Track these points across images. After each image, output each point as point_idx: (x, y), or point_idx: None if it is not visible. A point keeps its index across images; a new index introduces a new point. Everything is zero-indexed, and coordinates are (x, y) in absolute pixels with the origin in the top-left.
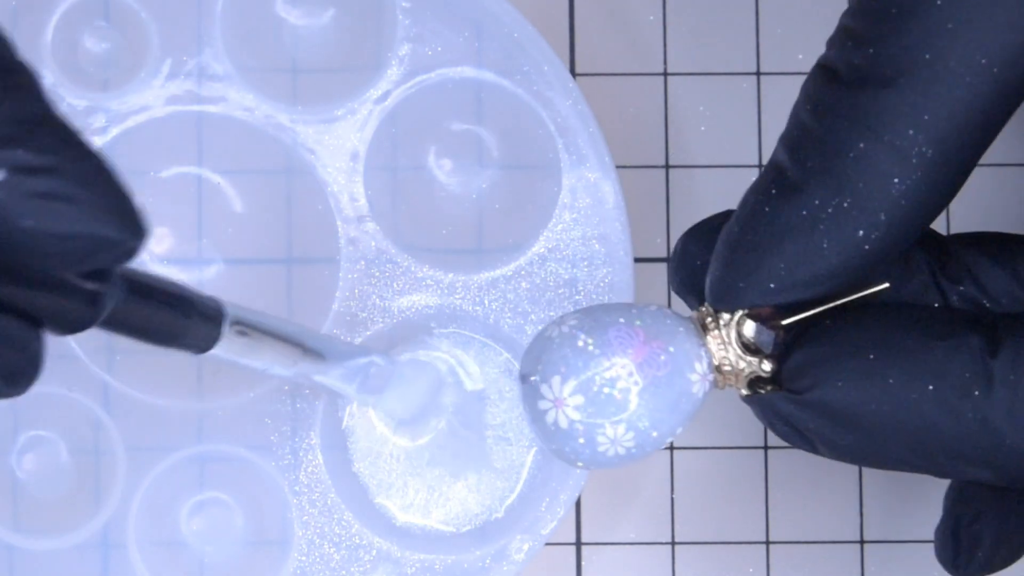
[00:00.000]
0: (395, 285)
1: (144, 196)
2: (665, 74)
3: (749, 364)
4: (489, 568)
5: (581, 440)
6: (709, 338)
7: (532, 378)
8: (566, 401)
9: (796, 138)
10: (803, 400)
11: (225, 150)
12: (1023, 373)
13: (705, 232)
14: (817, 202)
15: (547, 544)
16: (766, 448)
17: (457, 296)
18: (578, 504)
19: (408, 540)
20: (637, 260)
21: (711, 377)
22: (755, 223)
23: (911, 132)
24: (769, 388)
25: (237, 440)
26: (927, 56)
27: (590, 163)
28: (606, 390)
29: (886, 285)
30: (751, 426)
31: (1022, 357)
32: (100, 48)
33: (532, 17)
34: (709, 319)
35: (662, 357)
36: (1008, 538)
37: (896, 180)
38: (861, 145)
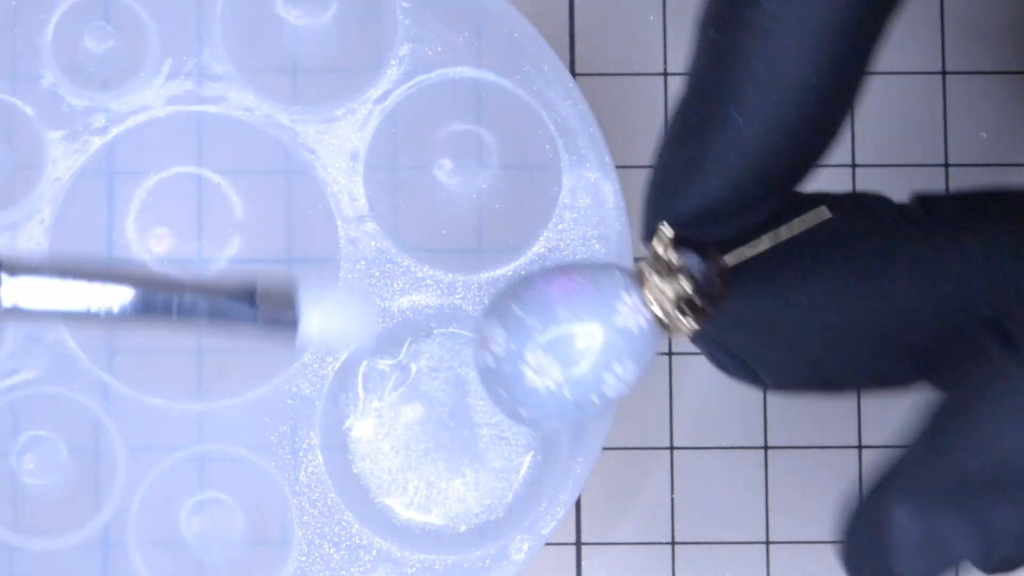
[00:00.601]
0: (395, 285)
1: (144, 196)
2: (665, 74)
3: (673, 286)
4: (489, 568)
5: (511, 376)
6: (646, 289)
7: (479, 332)
8: (492, 339)
9: (692, 53)
10: (728, 312)
11: (225, 150)
12: (932, 244)
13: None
14: (704, 108)
15: (547, 544)
16: (766, 448)
17: (457, 296)
18: (578, 504)
19: (408, 540)
20: (637, 260)
21: (646, 313)
22: (661, 147)
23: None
24: (702, 314)
25: (237, 440)
26: None
27: (590, 163)
28: (528, 321)
29: (825, 212)
30: (751, 426)
31: (933, 229)
32: (100, 48)
33: (532, 17)
34: (645, 264)
35: (585, 288)
36: None
37: (778, 102)
38: (744, 41)
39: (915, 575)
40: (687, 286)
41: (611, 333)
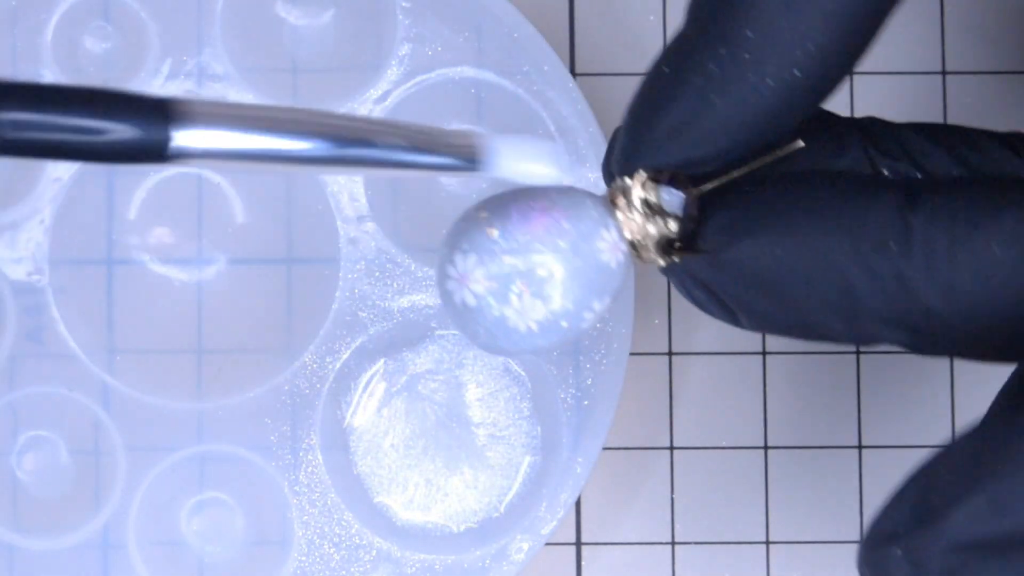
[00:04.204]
0: (395, 285)
1: (144, 196)
2: None
3: (656, 226)
4: (489, 568)
5: (491, 314)
6: (618, 212)
7: (442, 261)
8: (469, 276)
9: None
10: (717, 262)
11: None
12: (942, 229)
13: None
14: (711, 59)
15: (547, 544)
16: (766, 448)
17: None
18: (578, 504)
19: (408, 540)
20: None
21: (624, 247)
22: (654, 84)
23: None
24: (684, 254)
25: (237, 440)
26: None
27: (590, 163)
28: (508, 260)
29: (799, 143)
30: (751, 426)
31: (941, 213)
32: (100, 48)
33: (532, 17)
34: (619, 196)
35: (565, 224)
36: None
37: (791, 37)
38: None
39: None
40: (671, 225)
41: (592, 271)
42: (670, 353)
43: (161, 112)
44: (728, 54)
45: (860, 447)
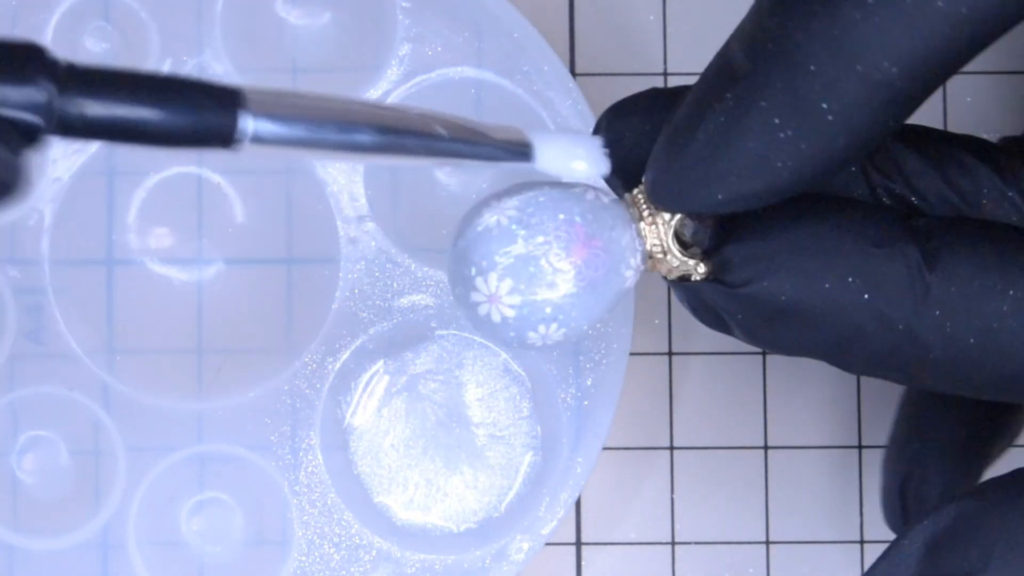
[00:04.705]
0: (395, 285)
1: (144, 196)
2: (665, 74)
3: (683, 263)
4: (489, 568)
5: (512, 334)
6: (643, 225)
7: (469, 270)
8: (502, 299)
9: (757, 41)
10: (736, 294)
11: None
12: (958, 289)
13: (633, 111)
14: (776, 120)
15: (547, 544)
16: (766, 448)
17: None
18: (578, 504)
19: (408, 540)
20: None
21: (643, 268)
22: (707, 128)
23: (885, 64)
24: (699, 277)
25: (237, 440)
26: None
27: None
28: (543, 293)
29: None
30: (751, 426)
31: (958, 272)
32: (100, 48)
33: (532, 17)
34: (644, 207)
35: (601, 257)
36: (951, 497)
37: (861, 106)
38: (830, 68)
39: None
40: (701, 268)
41: (614, 296)
42: (670, 353)
43: (231, 99)
44: (794, 119)
45: (860, 447)
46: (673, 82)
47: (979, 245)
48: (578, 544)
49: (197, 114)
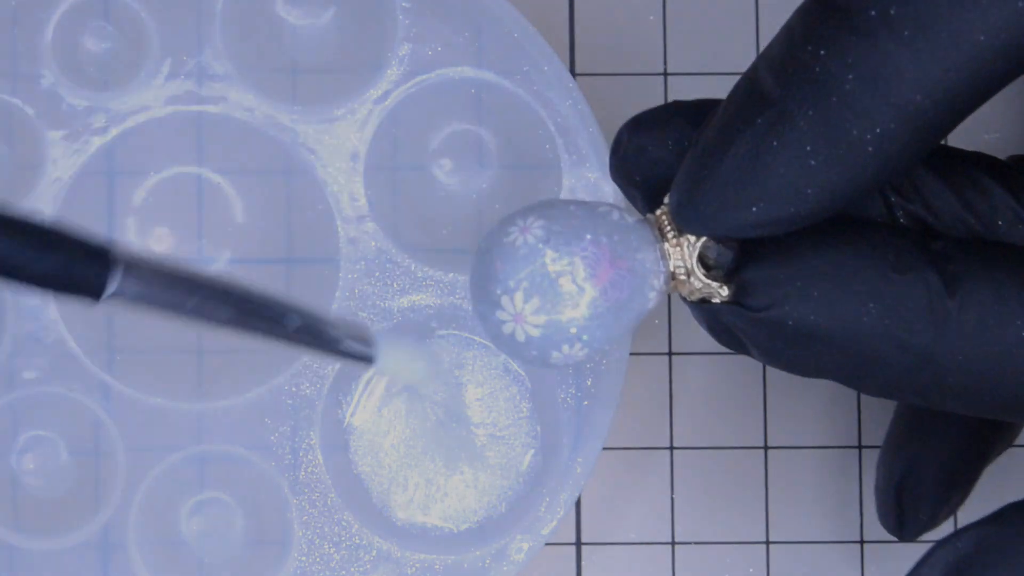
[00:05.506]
0: (395, 285)
1: (144, 196)
2: (665, 74)
3: (706, 286)
4: (489, 568)
5: (535, 353)
6: (668, 246)
7: (495, 288)
8: (527, 319)
9: (788, 68)
10: (756, 318)
11: (225, 150)
12: (977, 315)
13: (654, 125)
14: (808, 147)
15: (547, 544)
16: (766, 448)
17: (457, 296)
18: (578, 504)
19: (408, 540)
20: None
21: (666, 289)
22: (736, 153)
23: (919, 96)
24: (720, 300)
25: (237, 440)
26: (946, 15)
27: (590, 163)
28: (568, 313)
29: None
30: (751, 426)
31: (978, 298)
32: (100, 48)
33: (532, 17)
34: (669, 229)
35: (627, 278)
36: (947, 497)
37: (893, 136)
38: (864, 99)
39: None
40: (724, 291)
41: (636, 317)
42: (670, 353)
43: (104, 257)
44: (824, 148)
45: (860, 447)
46: (673, 82)
47: (997, 270)
48: (578, 544)
49: (71, 266)
